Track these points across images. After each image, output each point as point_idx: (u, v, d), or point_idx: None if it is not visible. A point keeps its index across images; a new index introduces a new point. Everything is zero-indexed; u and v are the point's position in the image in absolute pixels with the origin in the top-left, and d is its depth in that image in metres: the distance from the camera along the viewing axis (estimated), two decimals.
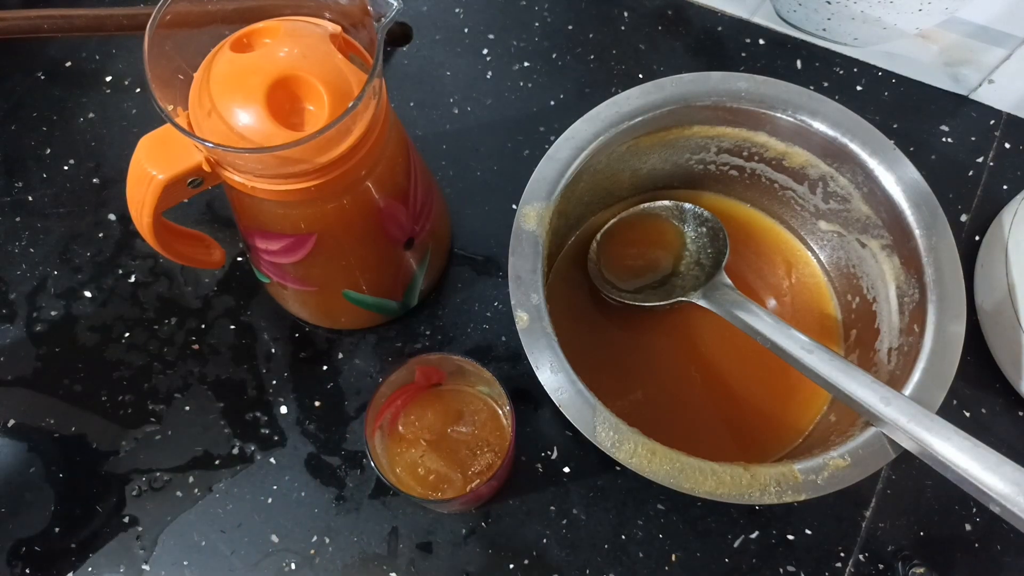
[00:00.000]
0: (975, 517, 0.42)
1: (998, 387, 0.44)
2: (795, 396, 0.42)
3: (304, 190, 0.32)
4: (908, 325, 0.38)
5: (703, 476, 0.33)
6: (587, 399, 0.34)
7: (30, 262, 0.48)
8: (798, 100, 0.40)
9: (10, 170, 0.51)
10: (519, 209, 0.38)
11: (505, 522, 0.42)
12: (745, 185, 0.45)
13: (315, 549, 0.41)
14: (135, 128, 0.52)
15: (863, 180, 0.39)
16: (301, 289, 0.41)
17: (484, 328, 0.46)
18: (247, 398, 0.45)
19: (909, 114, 0.51)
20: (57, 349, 0.46)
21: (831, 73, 0.52)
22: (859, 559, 0.41)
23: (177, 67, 0.32)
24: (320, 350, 0.46)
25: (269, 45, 0.31)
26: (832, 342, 0.44)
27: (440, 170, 0.50)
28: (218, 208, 0.49)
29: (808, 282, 0.45)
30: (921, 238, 0.37)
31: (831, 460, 0.33)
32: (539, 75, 0.52)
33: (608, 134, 0.39)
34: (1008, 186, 0.49)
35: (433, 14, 0.54)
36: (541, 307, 0.36)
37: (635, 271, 0.44)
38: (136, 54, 0.53)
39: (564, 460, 0.43)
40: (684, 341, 0.44)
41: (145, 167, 0.32)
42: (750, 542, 0.41)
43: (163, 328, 0.46)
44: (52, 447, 0.44)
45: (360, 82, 0.31)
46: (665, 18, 0.54)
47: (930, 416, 0.32)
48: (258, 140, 0.30)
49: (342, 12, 0.33)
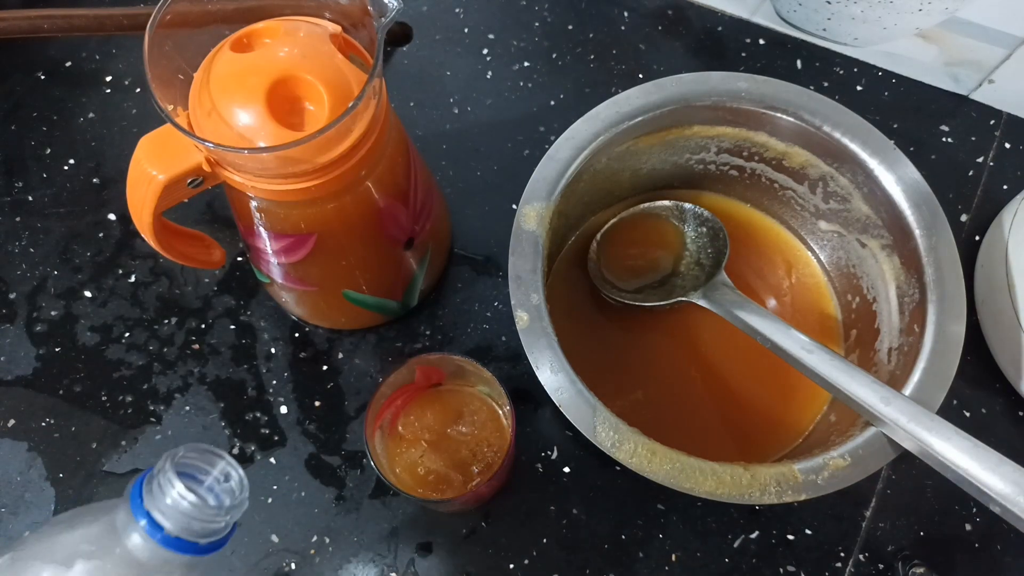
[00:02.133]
0: (975, 517, 0.42)
1: (998, 387, 0.44)
2: (795, 396, 0.42)
3: (304, 190, 0.32)
4: (908, 325, 0.38)
5: (703, 476, 0.33)
6: (587, 399, 0.34)
7: (30, 262, 0.48)
8: (798, 100, 0.40)
9: (10, 170, 0.51)
10: (519, 209, 0.38)
11: (505, 522, 0.42)
12: (745, 185, 0.45)
13: (315, 549, 0.41)
14: (135, 128, 0.52)
15: (863, 180, 0.39)
16: (301, 289, 0.41)
17: (484, 328, 0.46)
18: (247, 398, 0.45)
19: (909, 114, 0.51)
20: (57, 349, 0.46)
21: (831, 73, 0.52)
22: (859, 559, 0.41)
23: (177, 67, 0.32)
24: (320, 350, 0.46)
25: (269, 45, 0.31)
26: (832, 342, 0.44)
27: (440, 170, 0.50)
28: (218, 208, 0.49)
29: (808, 282, 0.45)
30: (921, 238, 0.37)
31: (831, 460, 0.33)
32: (539, 75, 0.52)
33: (608, 134, 0.39)
34: (1008, 186, 0.49)
35: (433, 14, 0.54)
36: (541, 307, 0.36)
37: (635, 271, 0.44)
38: (136, 54, 0.53)
39: (564, 460, 0.43)
40: (684, 341, 0.44)
41: (145, 167, 0.32)
42: (750, 542, 0.41)
43: (163, 328, 0.46)
44: (52, 447, 0.44)
45: (360, 82, 0.31)
46: (665, 18, 0.54)
47: (930, 416, 0.32)
48: (258, 140, 0.30)
49: (342, 12, 0.33)
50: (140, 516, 0.24)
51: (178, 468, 0.25)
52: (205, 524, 0.25)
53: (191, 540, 0.25)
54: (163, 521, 0.24)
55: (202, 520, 0.25)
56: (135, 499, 0.25)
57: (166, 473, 0.24)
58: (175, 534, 0.24)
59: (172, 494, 0.24)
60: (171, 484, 0.24)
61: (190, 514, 0.24)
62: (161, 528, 0.24)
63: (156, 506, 0.24)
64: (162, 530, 0.24)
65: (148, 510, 0.24)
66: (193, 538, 0.25)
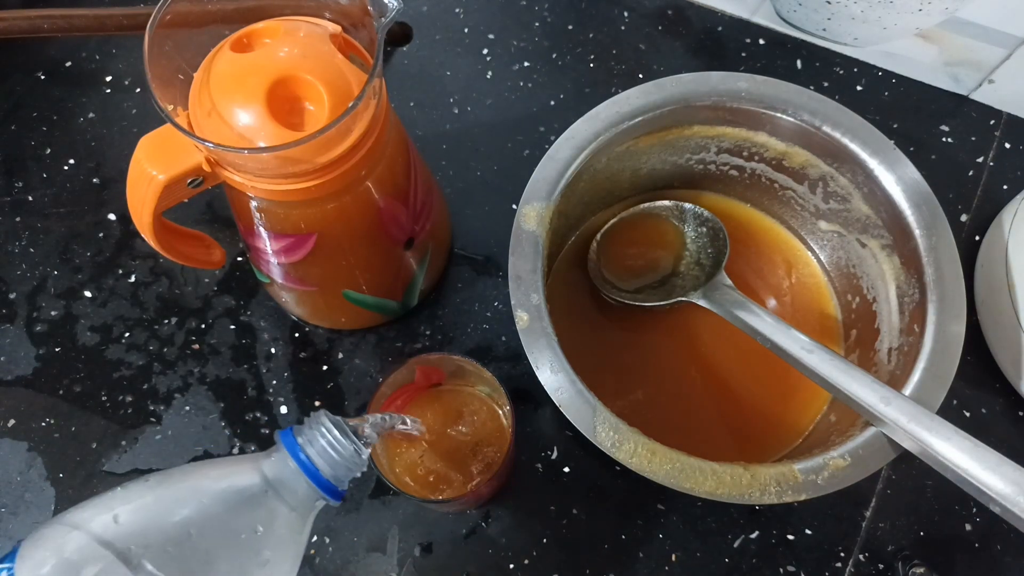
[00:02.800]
0: (975, 517, 0.42)
1: (998, 387, 0.44)
2: (795, 396, 0.42)
3: (304, 190, 0.32)
4: (908, 325, 0.38)
5: (703, 476, 0.33)
6: (587, 399, 0.34)
7: (30, 262, 0.48)
8: (798, 100, 0.40)
9: (10, 170, 0.51)
10: (519, 209, 0.38)
11: (505, 522, 0.42)
12: (745, 185, 0.45)
13: (315, 549, 0.41)
14: (135, 128, 0.52)
15: (863, 180, 0.39)
16: (301, 289, 0.41)
17: (484, 328, 0.46)
18: (247, 398, 0.45)
19: (909, 114, 0.51)
20: (57, 349, 0.46)
21: (831, 73, 0.52)
22: (859, 559, 0.41)
23: (177, 67, 0.32)
24: (320, 350, 0.46)
25: (269, 45, 0.31)
26: (832, 342, 0.44)
27: (440, 170, 0.50)
28: (218, 208, 0.49)
29: (808, 282, 0.45)
30: (921, 238, 0.37)
31: (831, 460, 0.33)
32: (539, 75, 0.52)
33: (608, 134, 0.39)
34: (1008, 186, 0.49)
35: (433, 14, 0.54)
36: (541, 307, 0.36)
37: (635, 271, 0.44)
38: (136, 54, 0.53)
39: (564, 460, 0.43)
40: (684, 341, 0.44)
41: (145, 167, 0.32)
42: (750, 542, 0.41)
43: (163, 328, 0.46)
44: (52, 447, 0.44)
45: (360, 82, 0.31)
46: (665, 18, 0.54)
47: (930, 416, 0.32)
48: (258, 140, 0.30)
49: (342, 12, 0.33)
50: (294, 454, 0.28)
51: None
52: (348, 469, 0.29)
53: (330, 481, 0.28)
54: (317, 460, 0.28)
55: (347, 464, 0.29)
56: (287, 437, 0.29)
57: (320, 419, 0.29)
58: (325, 474, 0.28)
59: (328, 435, 0.28)
60: (324, 427, 0.29)
61: (339, 456, 0.28)
62: (313, 466, 0.28)
63: (311, 446, 0.28)
64: (314, 468, 0.28)
65: (303, 448, 0.28)
66: (332, 479, 0.28)
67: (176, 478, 0.27)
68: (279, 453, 0.28)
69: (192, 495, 0.26)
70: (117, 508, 0.26)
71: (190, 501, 0.26)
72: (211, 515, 0.26)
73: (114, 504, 0.26)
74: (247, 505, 0.27)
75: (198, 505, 0.26)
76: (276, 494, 0.28)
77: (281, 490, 0.28)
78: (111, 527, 0.25)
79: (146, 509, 0.26)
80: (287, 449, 0.28)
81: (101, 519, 0.25)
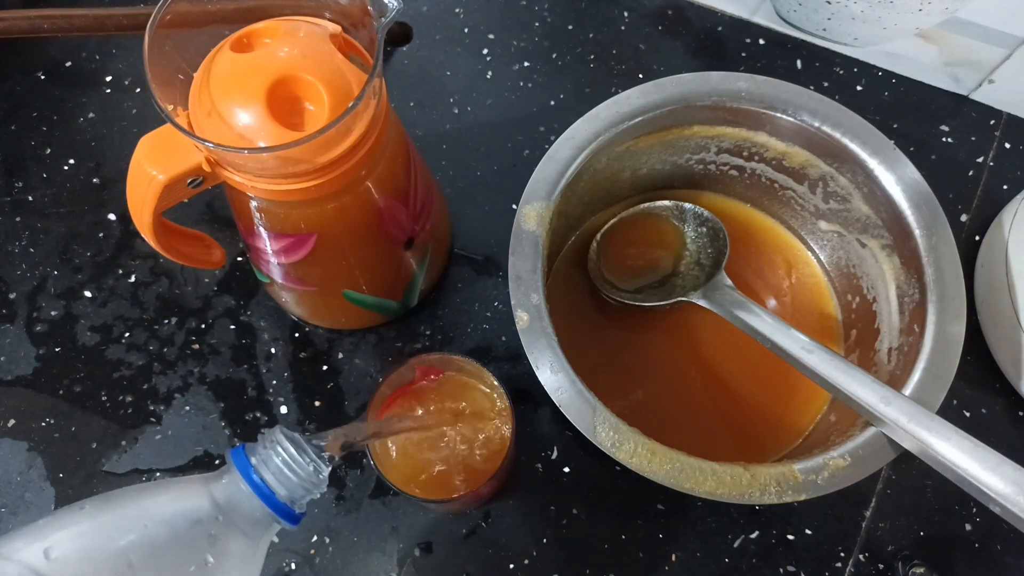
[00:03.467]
0: (975, 517, 0.42)
1: (998, 387, 0.44)
2: (795, 396, 0.42)
3: (304, 190, 0.32)
4: (908, 325, 0.38)
5: (703, 476, 0.33)
6: (587, 399, 0.34)
7: (30, 262, 0.48)
8: (798, 100, 0.40)
9: (10, 170, 0.51)
10: (519, 209, 0.38)
11: (505, 522, 0.42)
12: (745, 185, 0.45)
13: (315, 549, 0.41)
14: (135, 128, 0.52)
15: (863, 180, 0.39)
16: (301, 289, 0.41)
17: (484, 328, 0.46)
18: (247, 398, 0.45)
19: (909, 114, 0.51)
20: (57, 349, 0.46)
21: (831, 73, 0.52)
22: (859, 559, 0.41)
23: (177, 67, 0.32)
24: (320, 350, 0.46)
25: (269, 45, 0.31)
26: (832, 342, 0.44)
27: (440, 170, 0.50)
28: (218, 208, 0.49)
29: (808, 282, 0.45)
30: (921, 238, 0.37)
31: (831, 460, 0.33)
32: (539, 75, 0.52)
33: (608, 134, 0.39)
34: (1008, 186, 0.49)
35: (433, 14, 0.54)
36: (541, 307, 0.36)
37: (635, 271, 0.44)
38: (136, 54, 0.53)
39: (564, 460, 0.43)
40: (684, 341, 0.44)
41: (145, 167, 0.32)
42: (750, 542, 0.41)
43: (163, 328, 0.46)
44: (52, 447, 0.44)
45: (360, 82, 0.31)
46: (665, 18, 0.54)
47: (930, 416, 0.32)
48: (258, 140, 0.30)
49: (342, 12, 0.33)
50: (247, 475, 0.26)
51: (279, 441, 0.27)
52: (306, 490, 0.27)
53: (286, 503, 0.27)
54: (271, 481, 0.26)
55: (304, 485, 0.27)
56: (239, 456, 0.27)
57: (276, 435, 0.27)
58: (280, 496, 0.26)
59: (283, 454, 0.26)
60: (280, 445, 0.27)
61: (295, 476, 0.27)
62: (268, 488, 0.26)
63: (266, 466, 0.26)
64: (268, 490, 0.26)
65: (257, 469, 0.26)
66: (288, 502, 0.27)
67: (116, 502, 0.25)
68: (230, 474, 0.26)
69: (134, 521, 0.24)
70: (52, 536, 0.24)
71: (132, 528, 0.24)
72: (155, 543, 0.24)
73: (48, 532, 0.24)
74: (195, 531, 0.25)
75: (141, 532, 0.24)
76: (227, 519, 0.25)
77: (232, 514, 0.26)
78: (44, 559, 0.23)
79: (84, 536, 0.24)
80: (239, 470, 0.26)
81: (33, 548, 0.23)
